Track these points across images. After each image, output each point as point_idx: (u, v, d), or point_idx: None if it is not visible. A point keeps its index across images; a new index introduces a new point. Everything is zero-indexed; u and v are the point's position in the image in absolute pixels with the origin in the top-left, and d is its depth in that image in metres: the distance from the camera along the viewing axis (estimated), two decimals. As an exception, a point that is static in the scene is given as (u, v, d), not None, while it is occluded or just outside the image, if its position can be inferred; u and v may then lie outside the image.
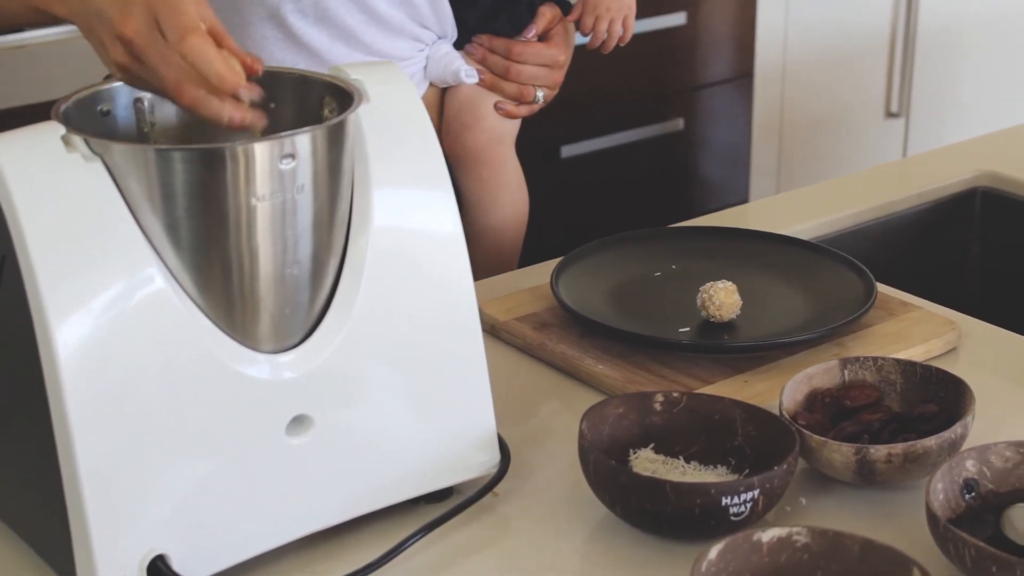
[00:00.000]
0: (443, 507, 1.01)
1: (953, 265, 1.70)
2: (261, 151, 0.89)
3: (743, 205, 1.85)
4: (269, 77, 1.02)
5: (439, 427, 1.01)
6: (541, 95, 1.49)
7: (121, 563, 0.89)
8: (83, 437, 0.87)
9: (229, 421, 0.92)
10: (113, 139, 0.91)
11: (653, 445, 1.05)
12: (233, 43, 0.92)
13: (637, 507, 0.97)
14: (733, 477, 1.03)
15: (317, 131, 0.91)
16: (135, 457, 0.89)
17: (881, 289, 1.31)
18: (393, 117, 1.00)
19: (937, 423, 1.05)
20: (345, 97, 0.97)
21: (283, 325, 0.94)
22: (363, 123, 0.98)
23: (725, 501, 0.95)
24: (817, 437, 1.02)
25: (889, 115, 3.27)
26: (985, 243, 1.70)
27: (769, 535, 0.90)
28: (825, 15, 3.09)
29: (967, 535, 0.90)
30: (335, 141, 0.93)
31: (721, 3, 2.95)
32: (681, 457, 1.05)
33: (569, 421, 1.11)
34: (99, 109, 0.97)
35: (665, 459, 1.04)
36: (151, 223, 0.89)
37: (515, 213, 1.54)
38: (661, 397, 1.07)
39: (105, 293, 0.88)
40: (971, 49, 3.34)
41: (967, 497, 0.98)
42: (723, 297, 1.23)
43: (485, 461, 1.04)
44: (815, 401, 1.09)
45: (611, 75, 2.70)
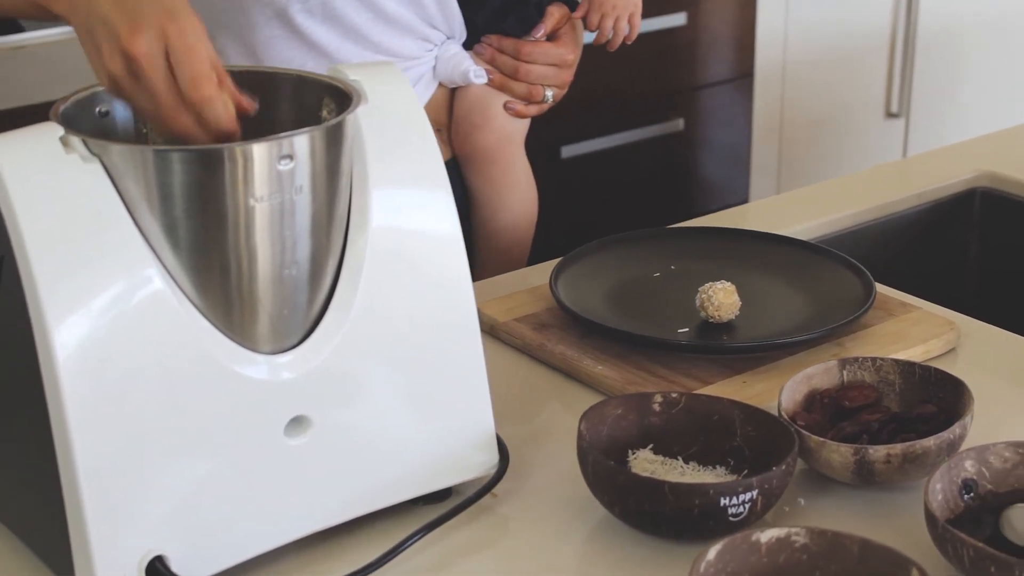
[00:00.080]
0: (442, 508, 1.01)
1: (952, 265, 1.70)
2: (259, 152, 0.89)
3: (743, 205, 1.85)
4: (267, 77, 1.02)
5: (438, 428, 1.01)
6: (550, 94, 1.50)
7: (120, 564, 0.89)
8: (81, 438, 0.87)
9: (227, 422, 0.92)
10: (111, 140, 0.91)
11: (652, 446, 1.05)
12: (231, 83, 0.92)
13: (636, 508, 0.97)
14: (732, 478, 1.03)
15: (315, 132, 0.91)
16: (134, 458, 0.89)
17: (880, 289, 1.31)
18: (392, 118, 1.00)
19: (936, 423, 1.05)
20: (344, 98, 0.97)
21: (281, 326, 0.94)
22: (362, 124, 0.98)
23: (724, 502, 0.95)
24: (816, 437, 1.02)
25: (889, 115, 3.27)
26: (984, 243, 1.70)
27: (768, 535, 0.90)
28: (825, 15, 3.10)
29: (966, 535, 0.90)
30: (333, 142, 0.93)
31: (721, 3, 2.95)
32: (680, 458, 1.05)
33: (568, 422, 1.10)
34: (98, 110, 0.97)
35: (664, 460, 1.04)
36: (149, 224, 0.89)
37: (525, 212, 1.54)
38: (660, 398, 1.07)
39: (103, 294, 0.87)
40: (971, 49, 3.34)
41: (966, 497, 0.98)
42: (722, 297, 1.23)
43: (484, 462, 1.04)
44: (814, 401, 1.09)
45: (611, 75, 2.70)
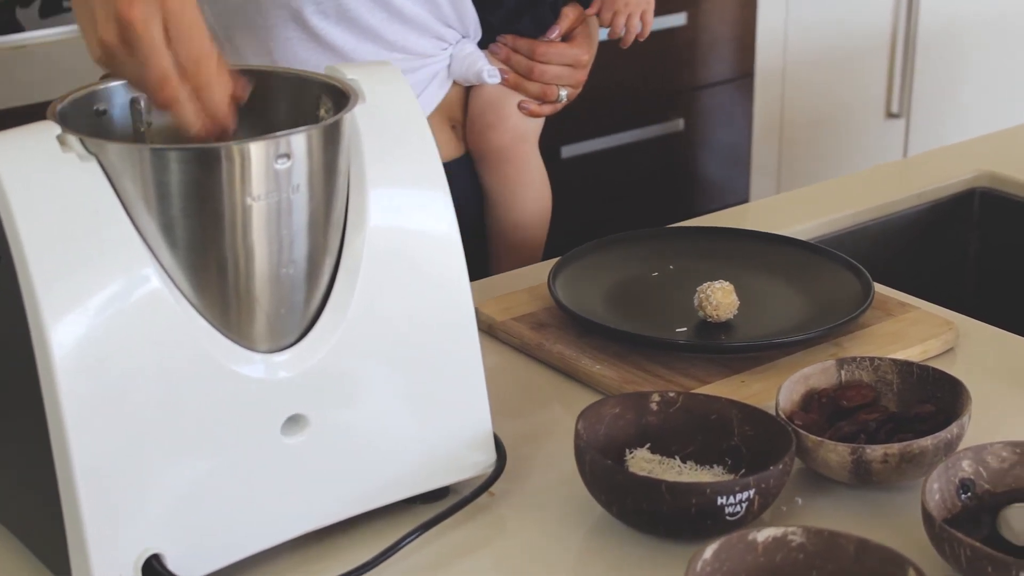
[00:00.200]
0: (439, 507, 1.01)
1: (952, 265, 1.70)
2: (256, 151, 0.88)
3: (742, 205, 1.85)
4: (264, 76, 1.02)
5: (435, 427, 1.01)
6: (564, 94, 1.50)
7: (116, 562, 0.89)
8: (78, 437, 0.87)
9: (224, 421, 0.92)
10: (109, 139, 0.91)
11: (649, 445, 1.05)
12: (226, 65, 0.92)
13: (633, 507, 0.97)
14: (729, 477, 1.03)
15: (313, 131, 0.91)
16: (130, 457, 0.89)
17: (879, 289, 1.31)
18: (389, 117, 1.00)
19: (934, 423, 1.05)
20: (341, 97, 0.97)
21: (278, 325, 0.94)
22: (359, 123, 0.98)
23: (721, 501, 0.95)
24: (813, 437, 1.02)
25: (890, 115, 3.28)
26: (984, 243, 1.69)
27: (764, 535, 0.90)
28: (825, 15, 3.10)
29: (963, 535, 0.90)
30: (331, 141, 0.93)
31: (721, 3, 2.95)
32: (677, 457, 1.05)
33: (566, 421, 1.10)
34: (95, 109, 0.97)
35: (661, 459, 1.04)
36: (146, 223, 0.89)
37: (538, 209, 1.55)
38: (657, 397, 1.07)
39: (100, 293, 0.87)
40: (972, 49, 3.34)
41: (963, 497, 0.98)
42: (720, 297, 1.23)
43: (481, 461, 1.04)
44: (812, 401, 1.09)
45: (611, 75, 2.70)
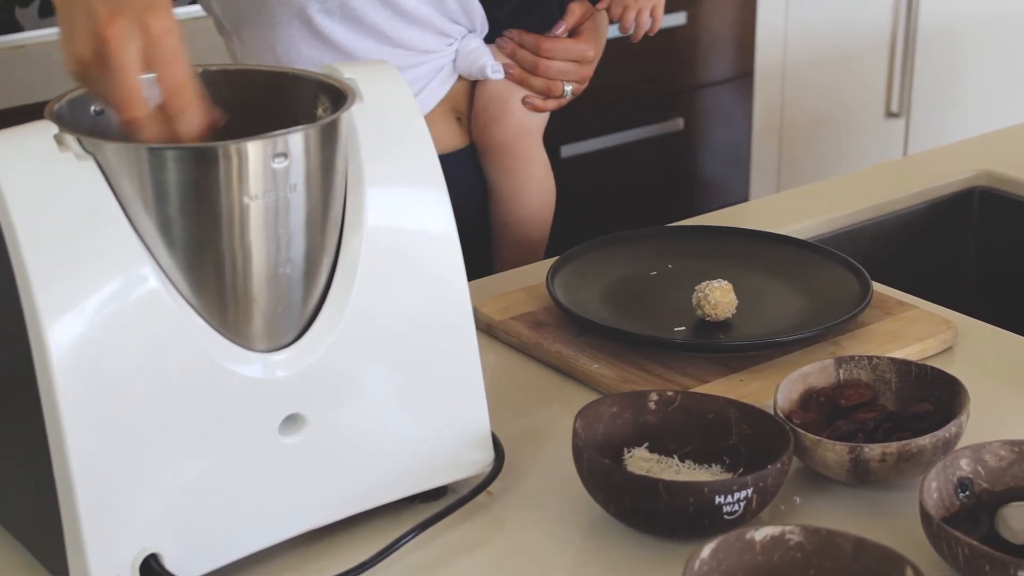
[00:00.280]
0: (437, 506, 1.01)
1: (951, 264, 1.70)
2: (254, 150, 0.88)
3: (741, 204, 1.85)
4: (262, 76, 1.02)
5: (433, 426, 1.01)
6: (569, 89, 1.51)
7: (114, 562, 0.89)
8: (76, 437, 0.87)
9: (222, 420, 0.92)
10: (106, 138, 0.91)
11: (647, 444, 1.05)
12: (203, 95, 0.92)
13: (631, 506, 0.97)
14: (727, 476, 1.03)
15: (310, 130, 0.91)
16: (128, 456, 0.89)
17: (878, 288, 1.31)
18: (387, 116, 1.00)
19: (932, 422, 1.05)
20: (338, 96, 0.97)
21: (276, 324, 0.94)
22: (356, 122, 0.98)
23: (718, 500, 0.95)
24: (811, 436, 1.02)
25: (889, 115, 3.27)
26: (983, 242, 1.69)
27: (762, 534, 0.90)
28: (825, 15, 3.10)
29: (961, 534, 0.90)
30: (328, 140, 0.93)
31: (721, 3, 2.95)
32: (675, 456, 1.05)
33: (564, 420, 1.10)
34: (92, 108, 0.97)
35: (659, 458, 1.04)
36: (144, 222, 0.89)
37: (541, 204, 1.55)
38: (655, 396, 1.07)
39: (98, 293, 0.87)
40: (971, 49, 3.34)
41: (961, 496, 0.98)
42: (719, 296, 1.23)
43: (479, 460, 1.04)
44: (810, 400, 1.09)
45: (611, 75, 2.69)
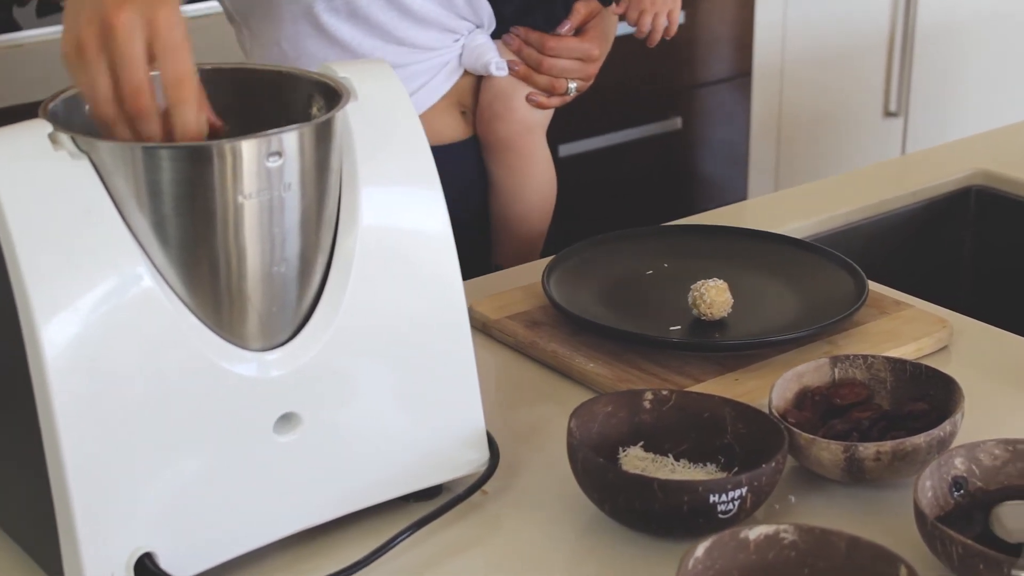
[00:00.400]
0: (431, 505, 1.01)
1: (947, 263, 1.70)
2: (248, 149, 0.88)
3: (739, 203, 1.84)
4: (256, 74, 1.02)
5: (428, 425, 1.01)
6: (573, 87, 1.52)
7: (108, 561, 0.89)
8: (70, 436, 0.87)
9: (217, 419, 0.92)
10: (100, 137, 0.91)
11: (642, 443, 1.05)
12: (204, 94, 0.92)
13: (625, 505, 0.97)
14: (722, 475, 1.03)
15: (304, 129, 0.91)
16: (122, 455, 0.89)
17: (874, 287, 1.31)
18: (381, 115, 1.00)
19: (927, 421, 1.05)
20: (333, 95, 0.97)
21: (271, 323, 0.94)
22: (351, 121, 0.98)
23: (713, 499, 0.95)
24: (806, 435, 1.02)
25: (888, 114, 3.27)
26: (979, 241, 1.69)
27: (756, 532, 0.90)
28: (824, 14, 3.09)
29: (955, 533, 0.90)
30: (322, 139, 0.93)
31: (720, 2, 2.94)
32: (670, 455, 1.05)
33: (559, 419, 1.10)
34: (87, 107, 0.97)
35: (654, 457, 1.04)
36: (138, 221, 0.89)
37: (542, 200, 1.56)
38: (650, 395, 1.07)
39: (92, 292, 0.87)
40: (970, 49, 3.34)
41: (956, 495, 0.98)
42: (714, 295, 1.23)
43: (474, 459, 1.04)
44: (805, 399, 1.09)
45: (609, 74, 2.69)
